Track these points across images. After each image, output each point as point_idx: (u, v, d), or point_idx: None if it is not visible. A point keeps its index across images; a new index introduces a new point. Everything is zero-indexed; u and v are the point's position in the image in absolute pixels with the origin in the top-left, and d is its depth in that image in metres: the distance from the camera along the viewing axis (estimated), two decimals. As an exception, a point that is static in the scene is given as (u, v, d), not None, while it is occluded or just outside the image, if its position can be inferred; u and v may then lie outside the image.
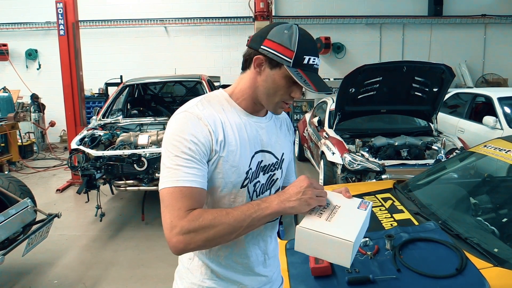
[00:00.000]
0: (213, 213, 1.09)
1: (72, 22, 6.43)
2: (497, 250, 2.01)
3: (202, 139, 1.11)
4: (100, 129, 5.16)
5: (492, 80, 11.03)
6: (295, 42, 1.14)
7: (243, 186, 1.21)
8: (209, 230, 1.06)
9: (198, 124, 1.12)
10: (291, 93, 1.20)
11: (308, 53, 1.16)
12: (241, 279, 1.27)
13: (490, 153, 2.72)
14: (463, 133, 6.34)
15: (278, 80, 1.17)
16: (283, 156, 1.32)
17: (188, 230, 1.05)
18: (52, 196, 6.06)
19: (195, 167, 1.10)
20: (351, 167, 4.57)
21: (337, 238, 1.08)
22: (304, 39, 1.17)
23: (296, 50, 1.14)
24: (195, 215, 1.07)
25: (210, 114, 1.17)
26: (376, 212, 2.55)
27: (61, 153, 9.18)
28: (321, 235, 1.09)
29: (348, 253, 1.08)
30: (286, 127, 1.41)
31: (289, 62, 1.14)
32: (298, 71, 1.14)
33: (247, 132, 1.22)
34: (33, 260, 3.88)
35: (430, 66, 5.18)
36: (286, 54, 1.14)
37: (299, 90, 1.20)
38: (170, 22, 10.65)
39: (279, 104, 1.22)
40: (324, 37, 10.66)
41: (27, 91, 9.78)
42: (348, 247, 1.08)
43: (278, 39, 1.16)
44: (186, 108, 1.18)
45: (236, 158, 1.17)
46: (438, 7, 11.00)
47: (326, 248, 1.09)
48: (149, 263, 3.83)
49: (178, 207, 1.07)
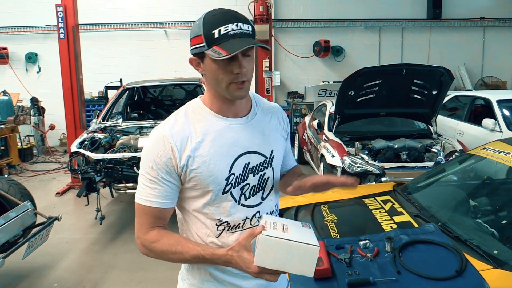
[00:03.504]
0: (165, 245, 1.19)
1: (72, 25, 6.44)
2: (496, 252, 2.01)
3: (164, 158, 1.18)
4: (100, 132, 5.17)
5: (491, 82, 11.05)
6: (200, 26, 1.14)
7: (224, 192, 1.22)
8: (158, 256, 1.22)
9: (162, 145, 1.19)
10: (232, 70, 1.15)
11: (216, 26, 1.12)
12: (240, 282, 1.27)
13: (490, 155, 2.73)
14: (462, 136, 6.35)
15: (210, 68, 1.17)
16: (272, 153, 1.30)
17: (145, 246, 1.22)
18: (52, 199, 6.05)
19: (157, 188, 1.20)
20: (350, 170, 4.57)
21: (303, 244, 1.07)
22: (209, 16, 1.15)
23: (203, 32, 1.13)
24: (151, 237, 1.21)
25: (180, 129, 1.20)
26: (376, 215, 2.55)
27: (61, 156, 9.17)
28: (287, 242, 1.07)
29: (314, 259, 1.08)
30: (278, 120, 1.37)
31: (204, 46, 1.14)
32: (214, 48, 1.11)
33: (225, 137, 1.22)
34: (33, 263, 3.88)
35: (429, 69, 5.20)
36: (199, 41, 1.15)
37: (234, 63, 1.14)
38: (170, 26, 10.67)
39: (230, 88, 1.17)
40: (324, 40, 10.70)
41: (27, 94, 9.78)
42: (314, 252, 1.08)
43: (192, 34, 1.18)
44: (159, 126, 1.25)
45: (211, 167, 1.19)
46: (437, 10, 11.04)
47: (291, 257, 1.07)
48: (149, 266, 3.82)
49: (141, 222, 1.23)
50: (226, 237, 1.25)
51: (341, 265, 2.00)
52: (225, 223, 1.24)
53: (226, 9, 1.16)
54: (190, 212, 1.27)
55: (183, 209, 1.29)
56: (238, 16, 1.15)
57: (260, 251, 1.07)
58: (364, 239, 2.17)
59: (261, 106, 1.35)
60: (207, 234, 1.25)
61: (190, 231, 1.28)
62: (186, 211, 1.28)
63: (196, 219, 1.26)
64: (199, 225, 1.26)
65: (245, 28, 1.14)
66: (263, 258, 1.07)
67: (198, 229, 1.26)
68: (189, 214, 1.27)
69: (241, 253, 1.10)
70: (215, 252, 1.15)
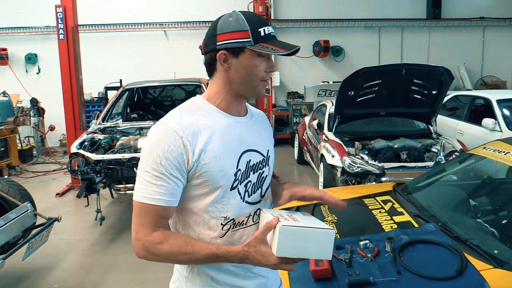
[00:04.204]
0: (173, 245, 1.13)
1: (72, 26, 6.44)
2: (497, 252, 2.01)
3: (174, 153, 1.13)
4: (100, 133, 5.17)
5: (491, 82, 11.05)
6: (244, 22, 1.18)
7: (232, 188, 1.22)
8: (162, 259, 1.15)
9: (172, 138, 1.13)
10: (265, 69, 1.23)
11: (261, 25, 1.19)
12: (242, 283, 1.26)
13: (490, 155, 2.73)
14: (462, 136, 6.35)
15: (248, 63, 1.20)
16: (268, 153, 1.34)
17: (147, 248, 1.15)
18: (52, 200, 6.05)
19: (163, 185, 1.13)
20: (350, 170, 4.57)
21: (320, 229, 1.12)
22: (250, 16, 1.21)
23: (250, 28, 1.17)
24: (156, 238, 1.14)
25: (189, 123, 1.17)
26: (376, 215, 2.55)
27: (60, 157, 9.17)
28: (306, 229, 1.11)
29: (331, 242, 1.11)
30: (265, 125, 1.42)
31: (250, 41, 1.17)
32: (262, 45, 1.18)
33: (231, 133, 1.22)
34: (33, 264, 3.88)
35: (429, 68, 5.20)
36: (243, 36, 1.18)
37: (270, 62, 1.23)
38: (170, 26, 10.67)
39: (260, 85, 1.24)
40: (323, 40, 10.69)
41: (26, 95, 9.78)
42: (331, 235, 1.11)
43: (228, 28, 1.19)
44: (164, 120, 1.19)
45: (221, 162, 1.18)
46: (437, 10, 11.04)
47: (309, 243, 1.10)
48: (149, 266, 3.82)
49: (142, 223, 1.15)
50: (231, 236, 1.23)
51: (341, 265, 2.00)
52: (231, 221, 1.23)
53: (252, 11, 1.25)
54: (193, 213, 1.22)
55: (183, 210, 1.24)
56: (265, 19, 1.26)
57: (281, 241, 1.08)
58: (364, 239, 2.17)
59: (251, 110, 1.39)
60: (210, 235, 1.22)
61: (190, 234, 1.23)
62: (188, 212, 1.23)
63: (199, 220, 1.22)
64: (201, 226, 1.22)
65: (274, 32, 1.23)
66: (284, 248, 1.08)
67: (200, 230, 1.22)
68: (190, 215, 1.23)
69: (259, 247, 1.10)
70: (230, 249, 1.12)
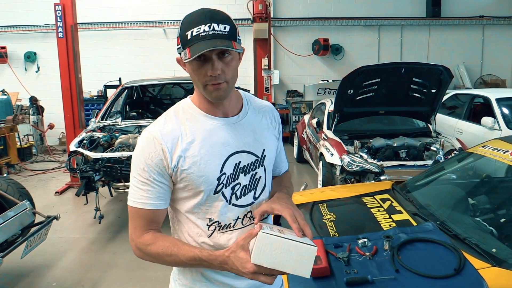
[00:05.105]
0: (160, 247, 1.17)
1: (71, 24, 6.43)
2: (495, 250, 2.01)
3: (155, 159, 1.17)
4: (99, 131, 5.16)
5: (490, 81, 11.05)
6: (179, 27, 1.15)
7: (216, 192, 1.21)
8: (153, 259, 1.20)
9: (152, 145, 1.17)
10: (204, 73, 1.13)
11: (189, 27, 1.11)
12: (232, 282, 1.26)
13: (489, 153, 2.73)
14: (461, 134, 6.35)
15: (189, 69, 1.17)
16: (264, 153, 1.29)
17: (139, 249, 1.21)
18: (51, 199, 6.05)
19: (149, 189, 1.19)
20: (349, 168, 4.57)
21: (302, 244, 1.08)
22: (187, 17, 1.14)
23: (179, 33, 1.13)
24: (146, 239, 1.20)
25: (171, 129, 1.19)
26: (375, 213, 2.55)
27: (60, 155, 9.16)
28: (286, 240, 1.07)
29: (311, 260, 1.08)
30: (269, 119, 1.35)
31: (180, 48, 1.15)
32: (186, 51, 1.11)
33: (215, 137, 1.21)
34: (31, 263, 3.88)
35: (428, 67, 5.20)
36: (178, 42, 1.16)
37: (207, 65, 1.12)
38: (169, 24, 10.65)
39: (206, 89, 1.16)
40: (323, 39, 10.68)
41: (26, 93, 9.77)
42: (312, 252, 1.08)
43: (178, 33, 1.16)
44: (148, 127, 1.23)
45: (201, 168, 1.18)
46: (436, 9, 11.02)
47: (289, 256, 1.06)
48: (147, 265, 3.80)
49: (135, 225, 1.22)
50: (218, 237, 1.24)
51: (339, 263, 2.00)
52: (215, 223, 1.24)
53: (208, 9, 1.13)
54: (181, 213, 1.27)
55: (175, 209, 1.29)
56: (215, 16, 1.11)
57: (258, 248, 1.06)
58: (362, 238, 2.17)
59: (252, 105, 1.33)
60: (199, 234, 1.25)
61: (182, 231, 1.28)
62: (178, 211, 1.28)
63: (188, 219, 1.26)
64: (191, 225, 1.25)
65: (219, 29, 1.10)
66: (261, 256, 1.06)
67: (190, 228, 1.26)
68: (181, 214, 1.27)
69: (238, 253, 1.09)
70: (212, 253, 1.14)
